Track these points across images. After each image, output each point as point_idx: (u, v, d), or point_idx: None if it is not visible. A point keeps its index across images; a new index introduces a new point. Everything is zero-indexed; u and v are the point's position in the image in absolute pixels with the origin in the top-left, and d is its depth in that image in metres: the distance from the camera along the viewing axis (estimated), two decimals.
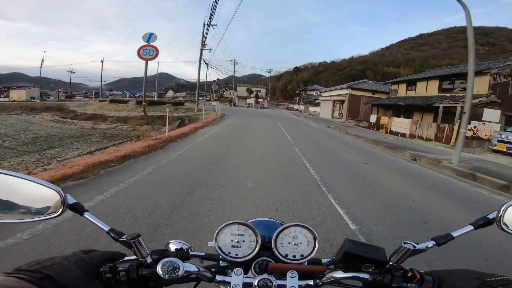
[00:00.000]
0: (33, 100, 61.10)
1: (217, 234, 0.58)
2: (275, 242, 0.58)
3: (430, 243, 0.53)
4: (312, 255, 0.59)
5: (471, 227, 0.54)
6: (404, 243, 0.52)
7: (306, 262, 0.59)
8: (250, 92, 57.93)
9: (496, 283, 0.44)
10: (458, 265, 2.37)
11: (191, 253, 0.57)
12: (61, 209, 0.48)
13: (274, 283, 0.51)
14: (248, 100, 54.91)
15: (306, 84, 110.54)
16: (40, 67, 58.84)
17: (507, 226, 0.54)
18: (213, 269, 0.58)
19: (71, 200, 0.50)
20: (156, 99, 46.89)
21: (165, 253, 0.55)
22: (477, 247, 2.77)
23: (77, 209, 0.50)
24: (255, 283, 0.51)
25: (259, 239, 0.58)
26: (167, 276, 0.48)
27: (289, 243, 0.59)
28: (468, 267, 0.66)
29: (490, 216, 0.54)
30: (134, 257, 0.52)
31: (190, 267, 0.51)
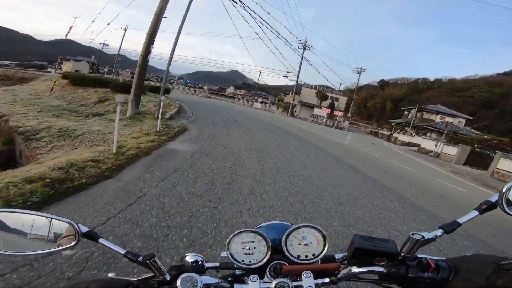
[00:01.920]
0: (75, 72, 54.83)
1: (228, 244, 0.58)
2: (285, 244, 0.58)
3: (439, 232, 0.53)
4: (323, 254, 0.59)
5: (476, 212, 0.54)
6: (412, 234, 0.51)
7: (320, 260, 0.59)
8: (323, 98, 36.28)
9: (511, 266, 0.44)
10: None
11: (206, 265, 0.59)
12: (76, 239, 0.52)
13: (291, 285, 0.51)
14: (316, 111, 33.33)
15: (398, 103, 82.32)
16: (66, 35, 49.12)
17: (510, 208, 0.53)
18: (230, 279, 0.59)
19: (83, 229, 0.52)
20: (169, 84, 29.64)
21: (182, 268, 0.55)
22: None
23: (92, 236, 0.53)
24: (272, 287, 0.51)
25: (269, 243, 0.58)
26: None
27: (299, 244, 0.58)
28: None
29: (493, 200, 0.53)
30: (151, 274, 0.53)
31: (208, 280, 0.52)
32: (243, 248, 0.58)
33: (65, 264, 1.70)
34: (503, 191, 0.53)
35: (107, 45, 47.76)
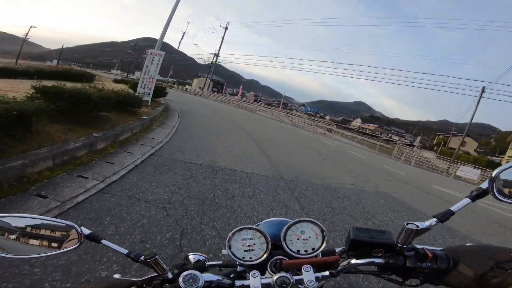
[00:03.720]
0: (199, 89, 56.53)
1: (228, 241, 0.59)
2: (284, 240, 0.59)
3: (433, 221, 0.53)
4: (322, 247, 0.59)
5: (469, 200, 0.53)
6: (407, 224, 0.52)
7: (320, 254, 0.59)
8: None
9: (509, 265, 0.43)
10: None
11: (208, 263, 0.60)
12: (79, 242, 0.53)
13: (291, 280, 0.52)
14: None
15: None
16: (179, 42, 45.81)
17: (501, 195, 0.52)
18: (232, 275, 0.60)
19: (86, 231, 0.53)
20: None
21: (184, 266, 0.56)
22: None
23: (94, 238, 0.53)
24: (273, 282, 0.52)
25: (268, 240, 0.58)
26: None
27: (298, 239, 0.59)
28: None
29: (484, 186, 0.53)
30: (155, 274, 0.54)
31: (209, 277, 0.53)
32: (243, 245, 0.58)
33: None
34: (493, 176, 0.51)
35: (219, 56, 41.76)
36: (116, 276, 0.55)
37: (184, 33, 44.91)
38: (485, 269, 0.44)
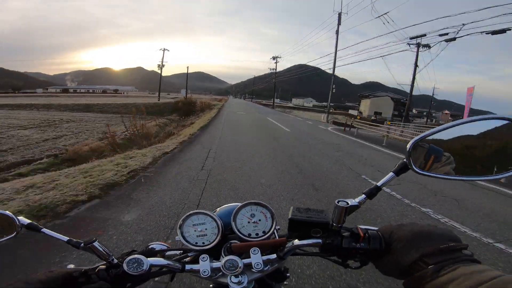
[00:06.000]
0: (373, 115, 45.11)
1: (179, 228, 0.59)
2: (235, 224, 0.59)
3: (362, 198, 0.54)
4: (272, 230, 0.60)
5: (393, 174, 0.54)
6: (338, 201, 0.51)
7: (277, 237, 0.60)
8: None
9: (433, 259, 0.40)
10: None
11: (158, 248, 0.61)
12: (15, 231, 0.53)
13: (240, 264, 0.52)
14: None
15: None
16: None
17: (419, 168, 0.52)
18: (184, 260, 0.60)
19: (24, 221, 0.53)
20: None
21: (132, 252, 0.56)
22: None
23: (33, 227, 0.54)
24: (222, 266, 0.53)
25: (219, 224, 0.59)
26: (133, 272, 0.50)
27: (248, 222, 0.60)
28: None
29: (406, 160, 0.53)
30: (104, 261, 0.54)
31: (156, 261, 0.53)
32: (195, 231, 0.59)
33: None
34: (408, 149, 0.50)
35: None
36: (70, 266, 0.53)
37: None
38: (409, 261, 0.42)
